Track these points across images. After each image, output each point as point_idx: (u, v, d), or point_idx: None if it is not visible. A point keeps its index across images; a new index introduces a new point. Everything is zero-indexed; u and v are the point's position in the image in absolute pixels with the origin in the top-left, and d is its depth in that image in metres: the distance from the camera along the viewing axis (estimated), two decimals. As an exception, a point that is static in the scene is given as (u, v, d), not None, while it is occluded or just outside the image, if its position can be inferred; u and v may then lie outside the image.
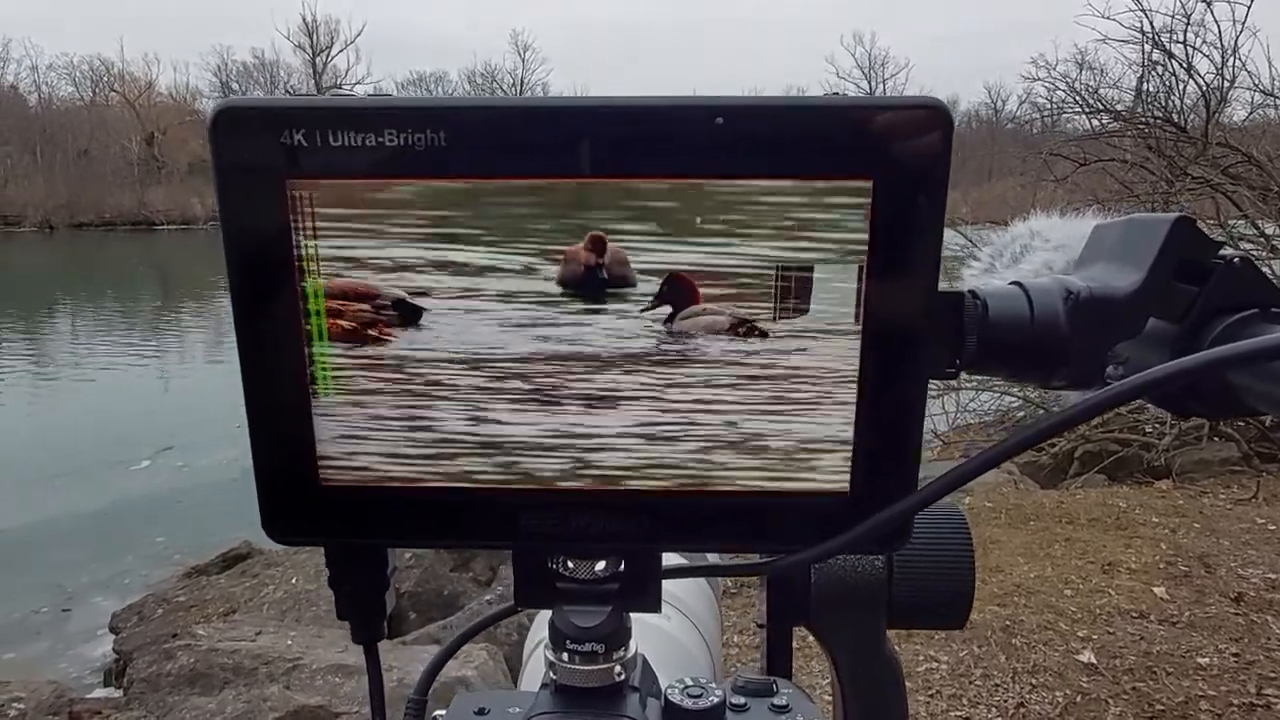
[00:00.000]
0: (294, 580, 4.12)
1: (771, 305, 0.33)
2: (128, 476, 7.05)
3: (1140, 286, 0.33)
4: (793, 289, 0.33)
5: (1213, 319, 0.33)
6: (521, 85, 53.24)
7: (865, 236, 0.32)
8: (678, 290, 0.33)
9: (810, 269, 0.32)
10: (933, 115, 0.30)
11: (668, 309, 0.33)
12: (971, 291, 0.35)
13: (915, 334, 0.33)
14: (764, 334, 0.33)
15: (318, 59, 48.45)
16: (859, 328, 0.33)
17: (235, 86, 50.07)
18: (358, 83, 50.12)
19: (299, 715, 2.82)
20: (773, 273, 0.32)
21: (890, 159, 0.31)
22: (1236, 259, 0.34)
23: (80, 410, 9.53)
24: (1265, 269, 0.34)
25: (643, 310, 0.33)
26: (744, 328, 0.33)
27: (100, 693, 3.83)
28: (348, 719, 2.81)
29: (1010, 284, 0.36)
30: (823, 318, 0.33)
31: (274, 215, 0.32)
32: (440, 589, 4.04)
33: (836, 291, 0.32)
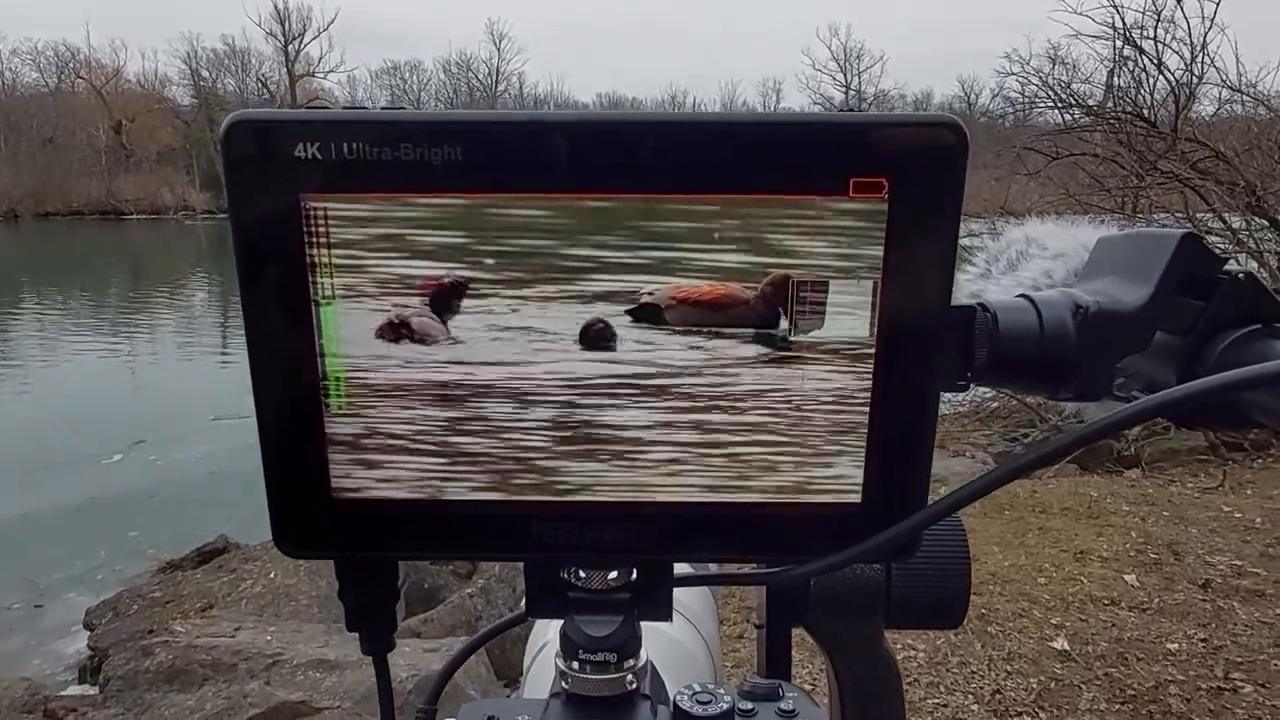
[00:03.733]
0: (272, 575, 4.09)
1: (788, 319, 0.33)
2: (100, 471, 6.93)
3: (1148, 302, 0.34)
4: (808, 303, 0.33)
5: (1217, 334, 0.34)
6: (497, 75, 52.82)
7: (881, 252, 0.32)
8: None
9: (826, 283, 0.33)
10: (949, 133, 0.31)
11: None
12: (982, 305, 0.36)
13: (928, 347, 0.33)
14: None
15: (290, 47, 47.72)
16: (873, 341, 0.33)
17: (205, 74, 49.20)
18: (330, 71, 49.46)
19: (279, 711, 2.80)
20: (789, 287, 0.33)
21: (907, 176, 0.31)
22: (1241, 274, 0.34)
23: (50, 403, 9.35)
24: (1232, 262, 0.35)
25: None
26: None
27: (75, 690, 3.77)
28: (329, 714, 2.79)
29: (1018, 296, 0.37)
30: (838, 331, 0.33)
31: (287, 229, 0.32)
32: (421, 582, 4.03)
33: (851, 305, 0.33)
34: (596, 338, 0.33)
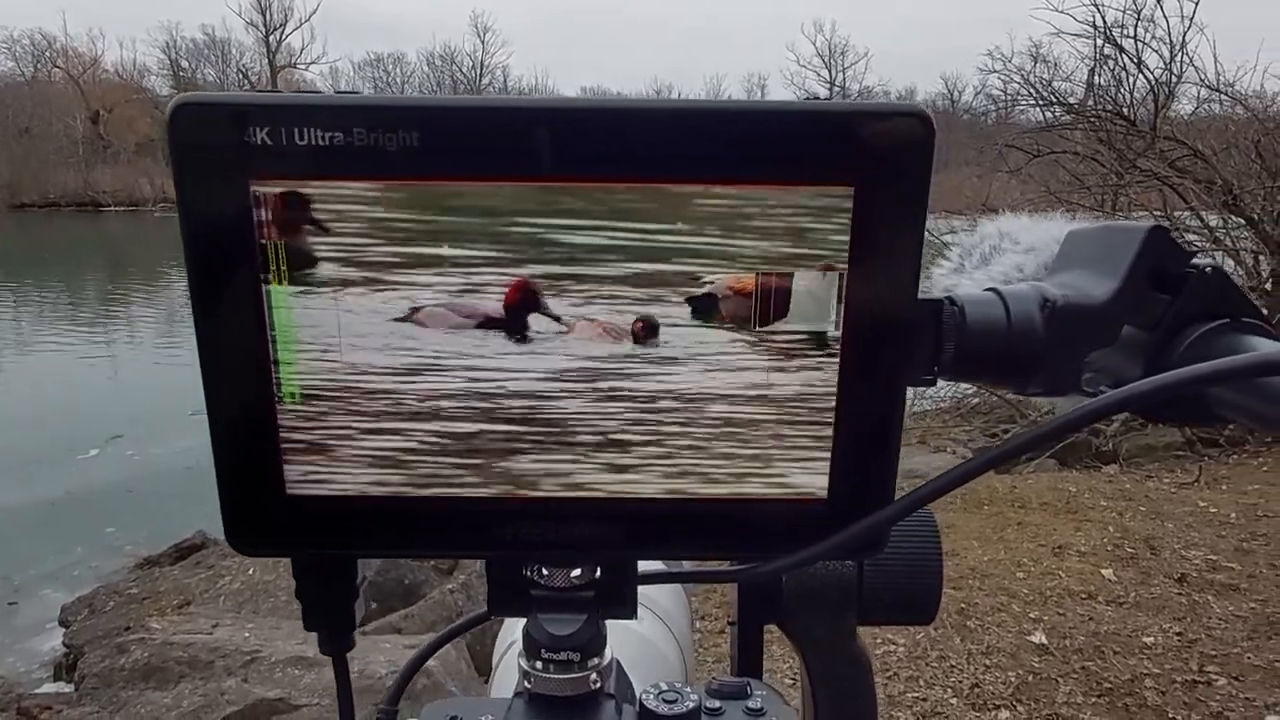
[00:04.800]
0: (251, 571, 4.05)
1: (751, 311, 0.32)
2: (76, 466, 6.86)
3: (1115, 295, 0.34)
4: (773, 295, 0.32)
5: (1185, 328, 0.34)
6: (481, 68, 52.54)
7: (846, 243, 0.31)
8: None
9: (790, 275, 0.32)
10: (916, 123, 0.30)
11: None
12: (949, 298, 0.35)
13: (895, 341, 0.33)
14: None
15: (271, 37, 47.20)
16: (839, 334, 0.33)
17: (185, 64, 48.61)
18: (313, 62, 49.00)
19: (258, 708, 2.78)
20: (753, 278, 0.32)
21: (873, 166, 0.31)
22: (1208, 268, 0.34)
23: (25, 397, 9.23)
24: (1209, 259, 0.35)
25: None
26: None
27: (50, 687, 3.73)
28: (307, 711, 2.77)
29: (986, 290, 0.36)
30: (803, 324, 0.33)
31: (237, 215, 0.31)
32: (401, 578, 4.00)
33: (817, 298, 0.32)
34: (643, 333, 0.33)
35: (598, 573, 0.38)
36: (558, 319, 0.32)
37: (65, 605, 4.24)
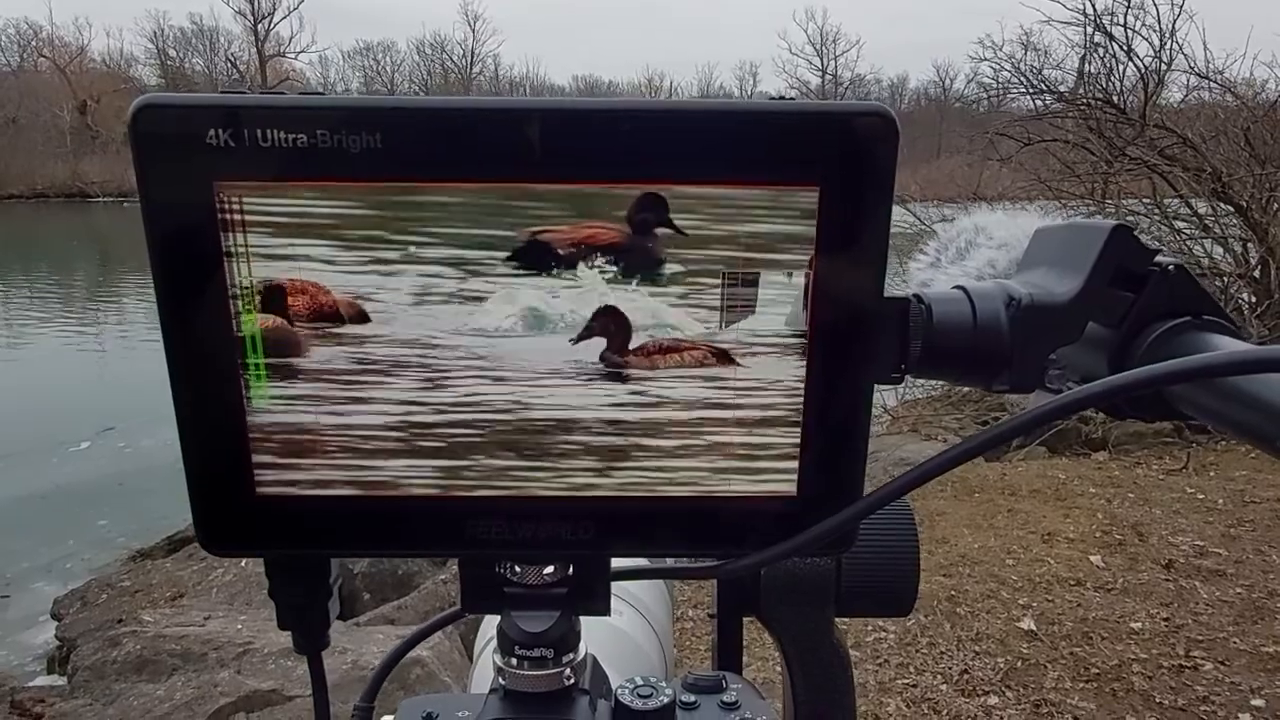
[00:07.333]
0: (243, 563, 4.05)
1: (719, 311, 0.33)
2: (67, 458, 6.82)
3: (1079, 293, 0.34)
4: (740, 294, 0.32)
5: (1147, 326, 0.34)
6: (472, 56, 52.23)
7: (812, 242, 0.32)
8: (608, 325, 0.33)
9: (757, 275, 0.32)
10: (879, 123, 0.30)
11: (601, 342, 0.33)
12: (916, 296, 0.35)
13: (861, 339, 0.33)
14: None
15: (259, 26, 46.77)
16: (806, 333, 0.33)
17: (172, 53, 48.21)
18: (301, 51, 48.61)
19: (251, 700, 2.78)
20: (719, 278, 0.32)
21: (837, 165, 0.31)
22: (1171, 266, 0.34)
23: (15, 389, 9.17)
24: (1198, 247, 0.36)
25: (573, 342, 0.33)
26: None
27: (43, 680, 3.73)
28: (300, 702, 2.78)
29: (954, 288, 0.36)
30: (770, 323, 0.33)
31: (201, 217, 0.31)
32: (394, 568, 4.00)
33: (783, 297, 0.32)
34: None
35: (570, 569, 0.38)
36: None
37: (57, 598, 4.24)
